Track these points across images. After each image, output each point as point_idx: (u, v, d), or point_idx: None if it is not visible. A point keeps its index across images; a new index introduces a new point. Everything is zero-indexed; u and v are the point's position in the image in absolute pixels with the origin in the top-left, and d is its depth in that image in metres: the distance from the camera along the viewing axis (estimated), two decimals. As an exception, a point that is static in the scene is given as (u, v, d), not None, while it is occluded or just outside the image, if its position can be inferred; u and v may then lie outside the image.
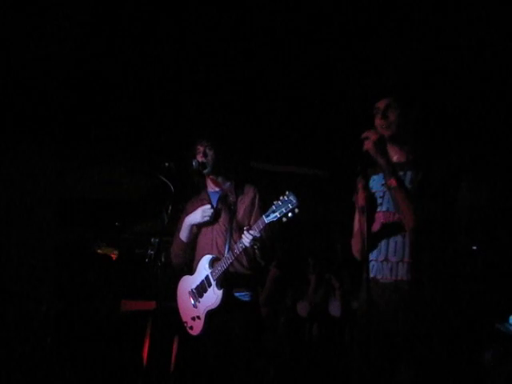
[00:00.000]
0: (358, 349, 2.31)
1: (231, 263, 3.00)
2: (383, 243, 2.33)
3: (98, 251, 5.42)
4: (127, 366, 4.11)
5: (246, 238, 2.87)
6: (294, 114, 4.28)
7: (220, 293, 3.00)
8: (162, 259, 3.25)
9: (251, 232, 2.86)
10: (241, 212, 3.16)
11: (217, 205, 3.24)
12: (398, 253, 2.28)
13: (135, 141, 4.76)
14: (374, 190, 2.41)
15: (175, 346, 3.95)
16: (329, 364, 4.46)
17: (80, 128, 4.62)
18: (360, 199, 2.28)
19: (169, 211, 3.29)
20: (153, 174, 3.34)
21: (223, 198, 3.23)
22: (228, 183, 3.27)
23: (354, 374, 2.31)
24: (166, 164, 3.26)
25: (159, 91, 4.19)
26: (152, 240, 3.22)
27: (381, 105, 2.37)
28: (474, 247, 4.35)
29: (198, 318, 3.08)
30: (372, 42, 3.49)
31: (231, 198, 3.19)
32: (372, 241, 2.28)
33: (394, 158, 2.38)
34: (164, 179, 3.26)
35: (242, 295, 3.10)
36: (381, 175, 2.36)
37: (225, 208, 3.19)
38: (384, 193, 2.36)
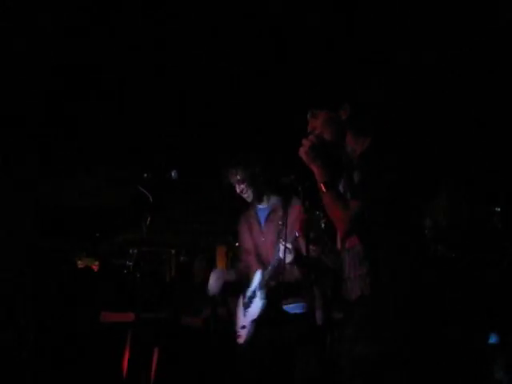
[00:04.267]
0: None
1: (274, 275, 3.02)
2: (344, 257, 2.19)
3: (79, 263, 5.38)
4: (107, 378, 4.07)
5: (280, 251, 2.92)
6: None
7: (261, 303, 3.03)
8: (141, 270, 3.24)
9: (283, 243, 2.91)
10: (289, 226, 3.15)
11: (265, 221, 3.25)
12: (356, 266, 2.12)
13: (115, 151, 4.74)
14: None
15: (155, 358, 3.93)
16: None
17: (60, 136, 4.59)
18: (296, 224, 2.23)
19: (147, 222, 3.29)
20: (132, 185, 3.34)
21: (271, 214, 3.25)
22: (275, 198, 3.29)
23: None
24: (145, 175, 3.26)
25: (140, 100, 4.19)
26: (130, 251, 3.21)
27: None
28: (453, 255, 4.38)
29: (244, 327, 3.12)
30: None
31: (279, 213, 3.19)
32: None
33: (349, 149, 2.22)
34: (143, 190, 3.26)
35: (292, 307, 3.11)
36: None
37: (273, 223, 3.20)
38: None
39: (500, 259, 4.10)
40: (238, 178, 3.22)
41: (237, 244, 4.14)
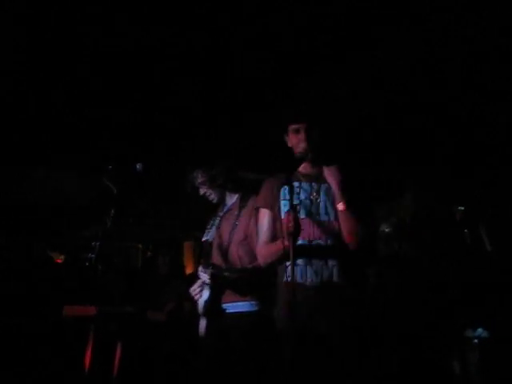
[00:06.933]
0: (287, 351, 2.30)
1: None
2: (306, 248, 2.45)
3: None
4: (69, 372, 4.02)
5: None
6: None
7: (204, 299, 2.92)
8: (104, 263, 3.20)
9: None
10: (242, 226, 3.11)
11: (221, 221, 3.20)
12: (320, 257, 2.42)
13: (79, 144, 4.68)
14: (301, 198, 2.53)
15: (118, 352, 3.89)
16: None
17: (24, 130, 4.52)
18: (288, 227, 2.30)
19: (111, 214, 3.26)
20: (97, 177, 3.31)
21: (227, 213, 3.20)
22: (235, 197, 3.26)
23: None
24: (110, 167, 3.23)
25: (105, 93, 4.15)
26: (93, 244, 3.17)
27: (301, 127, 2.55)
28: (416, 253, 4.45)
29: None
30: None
31: (235, 213, 3.15)
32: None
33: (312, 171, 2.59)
34: (107, 182, 3.23)
35: (235, 305, 2.97)
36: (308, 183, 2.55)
37: (228, 222, 3.16)
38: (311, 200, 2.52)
39: (461, 256, 4.19)
40: (199, 181, 3.21)
41: (203, 239, 4.11)
